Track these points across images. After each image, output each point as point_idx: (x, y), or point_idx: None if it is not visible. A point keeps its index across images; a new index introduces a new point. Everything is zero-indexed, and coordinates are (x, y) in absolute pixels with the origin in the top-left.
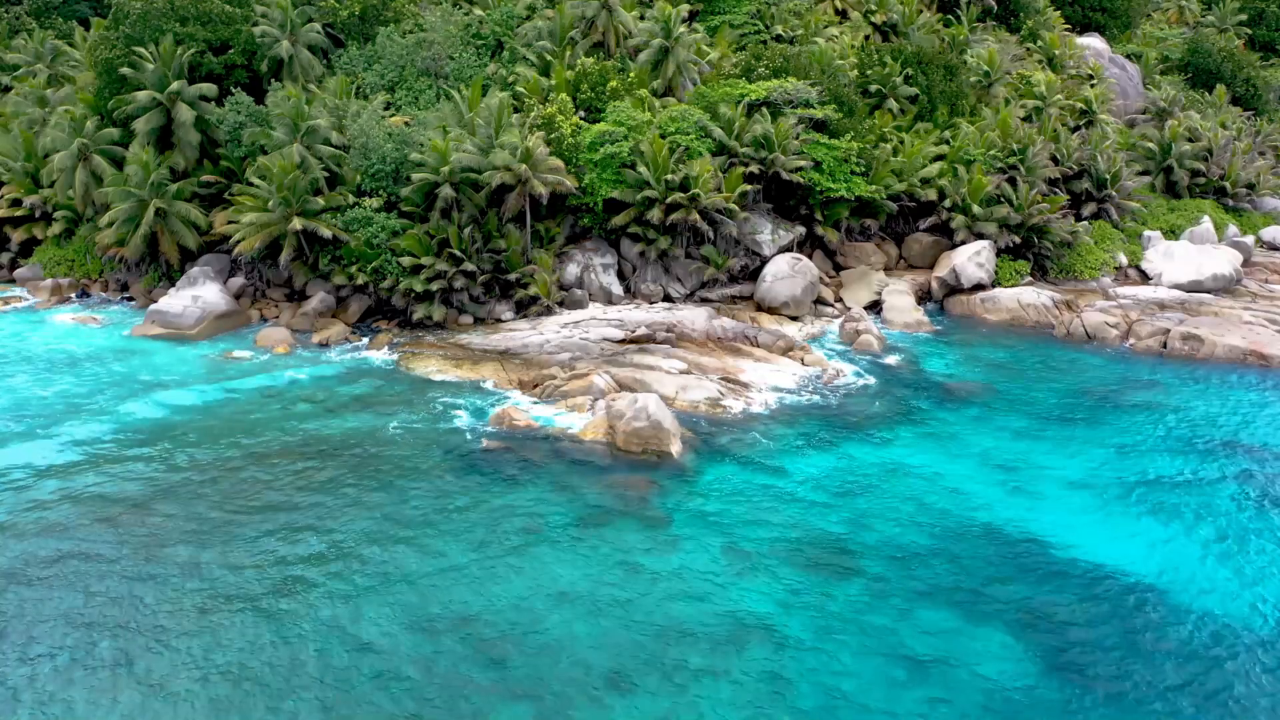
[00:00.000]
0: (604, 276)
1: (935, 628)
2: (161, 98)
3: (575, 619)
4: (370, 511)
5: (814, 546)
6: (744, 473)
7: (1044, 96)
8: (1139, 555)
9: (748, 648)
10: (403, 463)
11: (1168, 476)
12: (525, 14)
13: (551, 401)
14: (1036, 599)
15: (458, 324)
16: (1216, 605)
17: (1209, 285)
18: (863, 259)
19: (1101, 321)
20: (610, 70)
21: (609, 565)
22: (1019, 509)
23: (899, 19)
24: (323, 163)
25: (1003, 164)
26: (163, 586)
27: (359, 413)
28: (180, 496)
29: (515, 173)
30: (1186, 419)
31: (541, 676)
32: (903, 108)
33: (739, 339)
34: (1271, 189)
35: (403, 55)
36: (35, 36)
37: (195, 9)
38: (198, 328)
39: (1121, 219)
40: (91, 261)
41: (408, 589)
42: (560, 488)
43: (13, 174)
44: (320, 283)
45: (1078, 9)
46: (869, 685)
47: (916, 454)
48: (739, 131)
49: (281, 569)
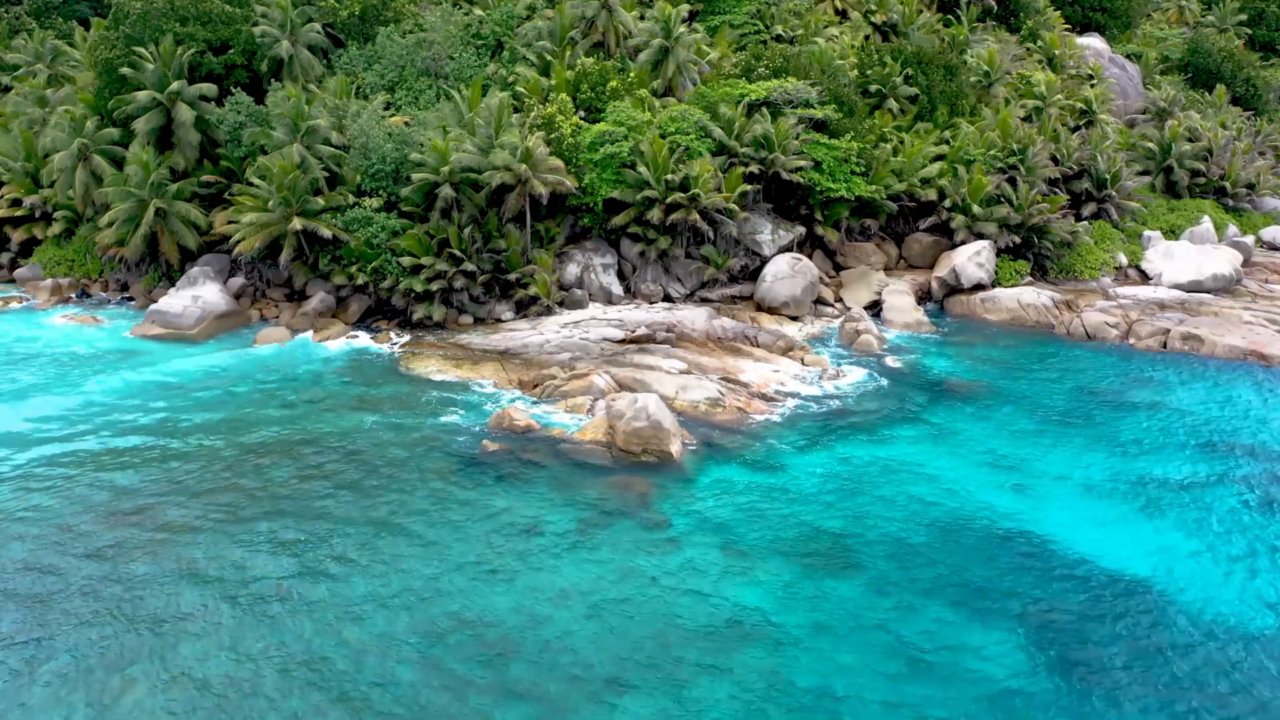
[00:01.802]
0: (604, 276)
1: (935, 626)
2: (161, 98)
3: (575, 619)
4: (370, 512)
5: (814, 546)
6: (744, 473)
7: (1044, 96)
8: (1139, 554)
9: (747, 647)
10: (402, 463)
11: (1168, 476)
12: (525, 14)
13: (551, 401)
14: (1037, 598)
15: (458, 324)
16: (1216, 604)
17: (1209, 285)
18: (863, 259)
19: (1101, 321)
20: (610, 70)
21: (609, 565)
22: (1019, 508)
23: (899, 19)
24: (323, 163)
25: (1003, 164)
26: (160, 587)
27: (359, 413)
28: (179, 496)
29: (515, 173)
30: (1187, 419)
31: (541, 676)
32: (903, 108)
33: (739, 339)
34: (1271, 189)
35: (403, 55)
36: (35, 36)
37: (195, 9)
38: (198, 328)
39: (1121, 219)
40: (91, 261)
41: (407, 589)
42: (560, 488)
43: (13, 174)
44: (320, 283)
45: (1078, 9)
46: (869, 684)
47: (916, 453)
48: (739, 131)
49: (280, 569)
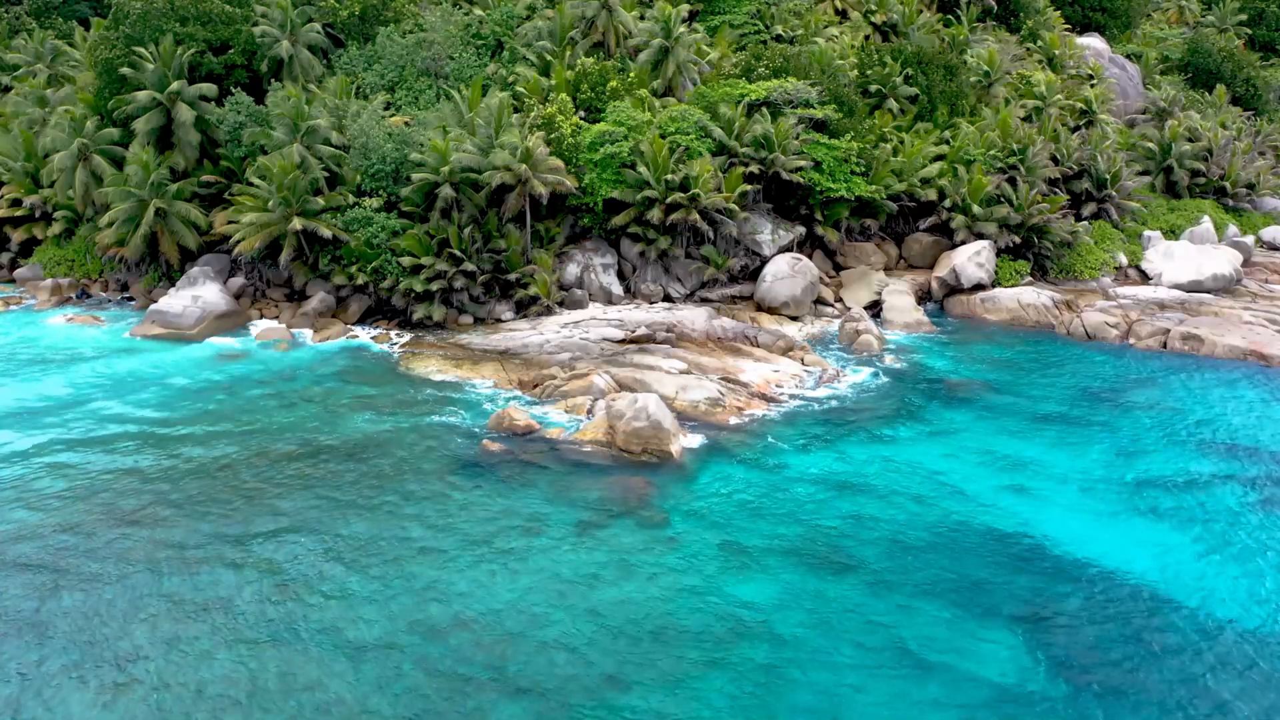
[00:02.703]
0: (604, 276)
1: (935, 626)
2: (161, 98)
3: (575, 617)
4: (370, 512)
5: (814, 545)
6: (744, 472)
7: (1044, 96)
8: (1139, 554)
9: (746, 646)
10: (402, 463)
11: (1168, 476)
12: (525, 14)
13: (551, 401)
14: (1037, 597)
15: (458, 324)
16: (1216, 604)
17: (1209, 285)
18: (863, 259)
19: (1101, 321)
20: (610, 70)
21: (609, 564)
22: (1019, 508)
23: (899, 19)
24: (323, 163)
25: (1003, 164)
26: (160, 587)
27: (358, 413)
28: (179, 497)
29: (515, 173)
30: (1186, 419)
31: (541, 675)
32: (903, 108)
33: (739, 339)
34: (1271, 189)
35: (403, 55)
36: (35, 36)
37: (195, 9)
38: (198, 328)
39: (1121, 219)
40: (91, 261)
41: (407, 589)
42: (560, 487)
43: (13, 174)
44: (320, 283)
45: (1078, 9)
46: (868, 683)
47: (916, 453)
48: (739, 131)
49: (280, 569)
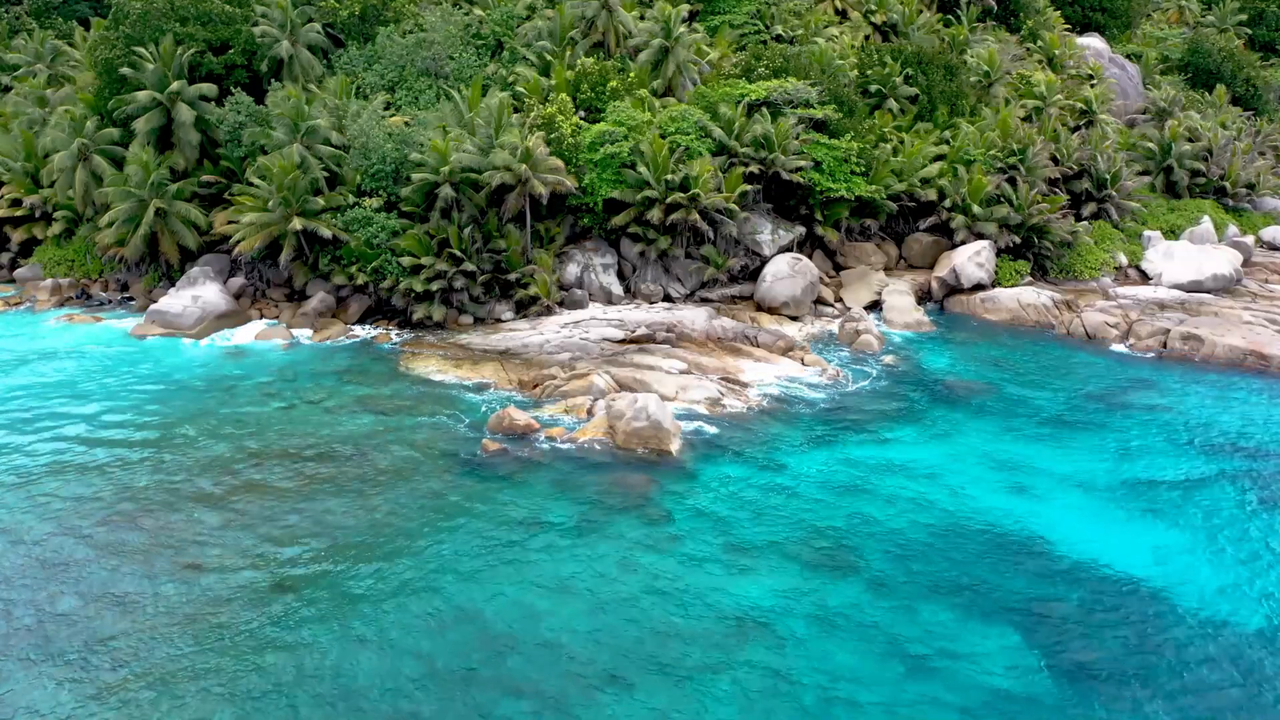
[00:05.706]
0: (604, 276)
1: (935, 626)
2: (161, 98)
3: (576, 616)
4: (370, 512)
5: (813, 544)
6: (744, 471)
7: (1044, 96)
8: (1139, 554)
9: (747, 645)
10: (402, 462)
11: (1168, 476)
12: (525, 14)
13: (551, 401)
14: (1037, 597)
15: (458, 324)
16: (1216, 604)
17: (1209, 285)
18: (863, 259)
19: (1101, 321)
20: (610, 70)
21: (609, 563)
22: (1019, 508)
23: (899, 19)
24: (323, 163)
25: (1003, 164)
26: (159, 587)
27: (358, 413)
28: (178, 497)
29: (515, 173)
30: (1187, 419)
31: (541, 672)
32: (903, 108)
33: (739, 339)
34: (1271, 189)
35: (403, 55)
36: (35, 36)
37: (195, 9)
38: (198, 328)
39: (1121, 219)
40: (91, 261)
41: (408, 588)
42: (560, 487)
43: (13, 174)
44: (320, 283)
45: (1078, 9)
46: (869, 682)
47: (916, 453)
48: (739, 131)
49: (280, 569)
